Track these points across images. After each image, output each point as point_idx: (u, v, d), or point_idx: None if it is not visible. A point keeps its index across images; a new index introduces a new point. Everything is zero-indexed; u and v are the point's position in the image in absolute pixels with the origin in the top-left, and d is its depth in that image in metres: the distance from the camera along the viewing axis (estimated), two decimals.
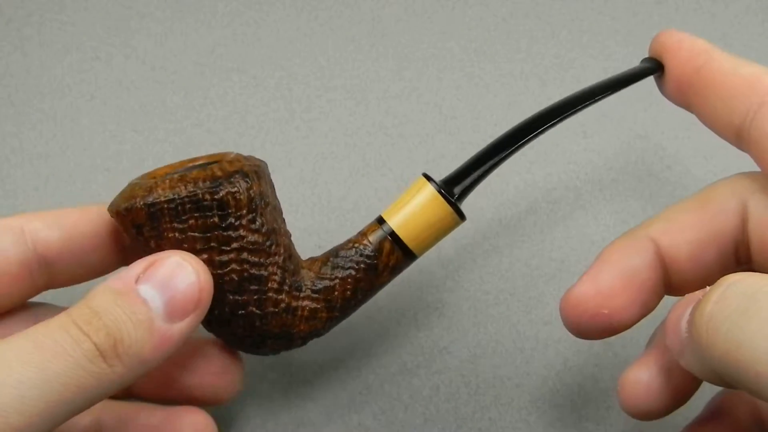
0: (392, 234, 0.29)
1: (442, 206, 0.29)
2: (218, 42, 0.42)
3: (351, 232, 0.30)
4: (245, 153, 0.29)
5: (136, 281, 0.25)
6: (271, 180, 0.29)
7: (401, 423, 0.34)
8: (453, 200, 0.29)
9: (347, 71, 0.42)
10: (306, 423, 0.34)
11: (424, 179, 0.29)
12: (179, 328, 0.25)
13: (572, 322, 0.27)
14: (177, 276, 0.25)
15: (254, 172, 0.27)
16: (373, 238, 0.29)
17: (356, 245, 0.29)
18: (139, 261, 0.25)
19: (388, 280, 0.30)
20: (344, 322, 0.30)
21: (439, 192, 0.29)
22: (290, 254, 0.28)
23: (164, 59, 0.42)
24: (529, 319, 0.36)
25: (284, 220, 0.29)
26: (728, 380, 0.22)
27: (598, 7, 0.43)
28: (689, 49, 0.28)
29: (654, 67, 0.29)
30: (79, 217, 0.29)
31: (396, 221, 0.29)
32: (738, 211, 0.27)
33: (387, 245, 0.29)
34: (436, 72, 0.42)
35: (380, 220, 0.29)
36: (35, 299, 0.30)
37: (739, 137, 0.27)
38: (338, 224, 0.38)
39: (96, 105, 0.40)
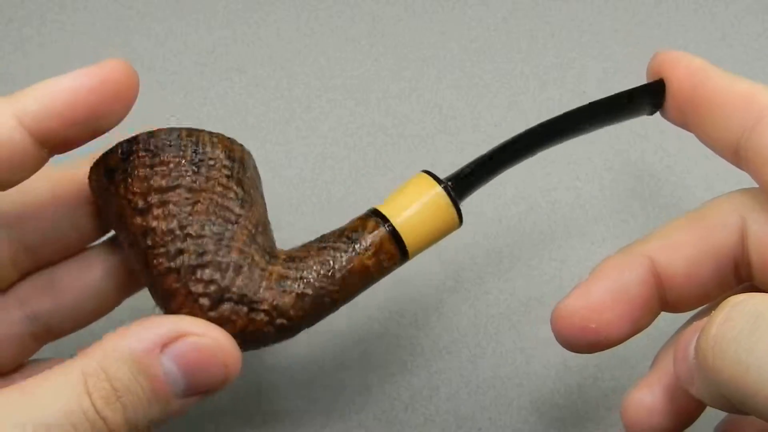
0: (393, 231, 0.26)
1: (447, 208, 0.27)
2: (218, 42, 0.42)
3: None
4: None
5: (161, 349, 0.23)
6: (256, 168, 0.27)
7: (401, 423, 0.34)
8: (458, 203, 0.27)
9: (347, 71, 0.42)
10: (306, 423, 0.34)
11: (427, 176, 0.27)
12: (194, 399, 0.24)
13: (561, 334, 0.27)
14: (205, 362, 0.23)
15: (240, 147, 0.27)
16: (372, 233, 0.26)
17: (350, 235, 0.26)
18: (163, 320, 0.23)
19: (376, 280, 0.27)
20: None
21: (447, 193, 0.27)
22: (264, 229, 0.26)
23: (164, 59, 0.42)
24: (529, 319, 0.36)
25: (266, 209, 0.27)
26: (736, 405, 0.21)
27: (597, 7, 0.43)
28: (687, 66, 0.27)
29: (657, 88, 0.28)
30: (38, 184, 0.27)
31: (398, 218, 0.26)
32: (737, 228, 0.26)
33: (386, 243, 0.26)
34: (436, 72, 0.42)
35: (377, 215, 0.26)
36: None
37: (736, 155, 0.26)
38: (338, 224, 0.37)
39: None
